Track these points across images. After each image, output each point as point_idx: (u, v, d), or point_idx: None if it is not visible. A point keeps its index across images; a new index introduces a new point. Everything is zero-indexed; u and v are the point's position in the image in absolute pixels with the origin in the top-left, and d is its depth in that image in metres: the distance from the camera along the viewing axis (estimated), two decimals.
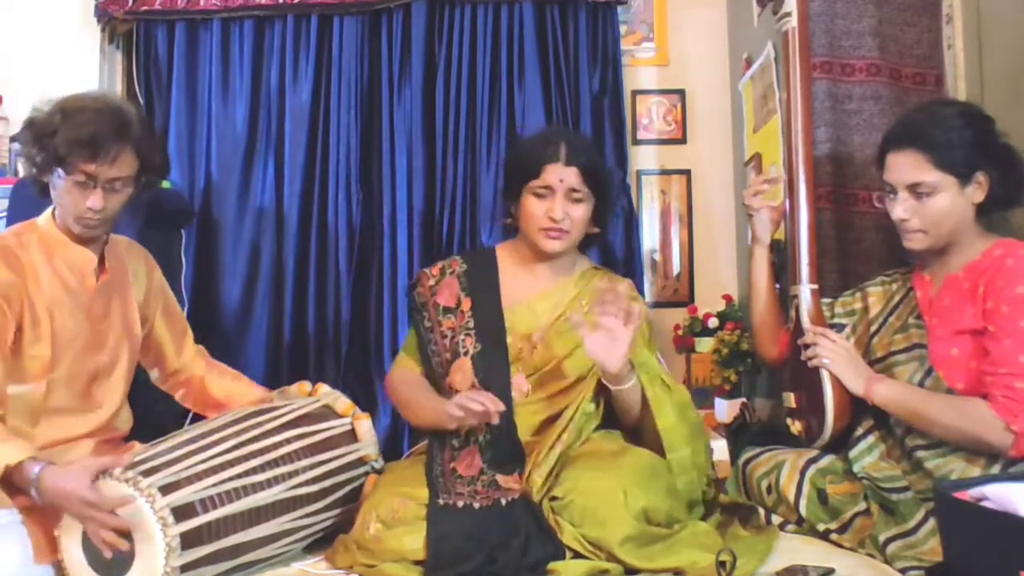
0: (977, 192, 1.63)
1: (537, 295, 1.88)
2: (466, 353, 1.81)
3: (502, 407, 1.65)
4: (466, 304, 1.86)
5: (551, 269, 1.91)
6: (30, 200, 2.07)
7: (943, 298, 1.68)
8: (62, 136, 1.60)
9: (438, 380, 1.85)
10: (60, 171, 1.63)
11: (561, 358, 1.81)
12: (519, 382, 1.80)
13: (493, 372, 1.78)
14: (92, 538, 1.43)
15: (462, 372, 1.80)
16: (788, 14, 1.89)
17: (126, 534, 1.42)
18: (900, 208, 1.67)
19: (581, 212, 1.84)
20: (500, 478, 1.66)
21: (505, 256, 1.95)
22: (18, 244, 1.68)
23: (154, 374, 1.99)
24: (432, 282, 1.91)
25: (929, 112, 1.69)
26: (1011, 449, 1.50)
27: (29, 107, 2.18)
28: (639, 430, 1.78)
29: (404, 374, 1.92)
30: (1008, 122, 1.67)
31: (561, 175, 1.81)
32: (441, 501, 1.59)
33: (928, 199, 1.63)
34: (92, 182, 1.63)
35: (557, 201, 1.81)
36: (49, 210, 1.75)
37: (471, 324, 1.83)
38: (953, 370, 1.61)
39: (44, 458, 1.48)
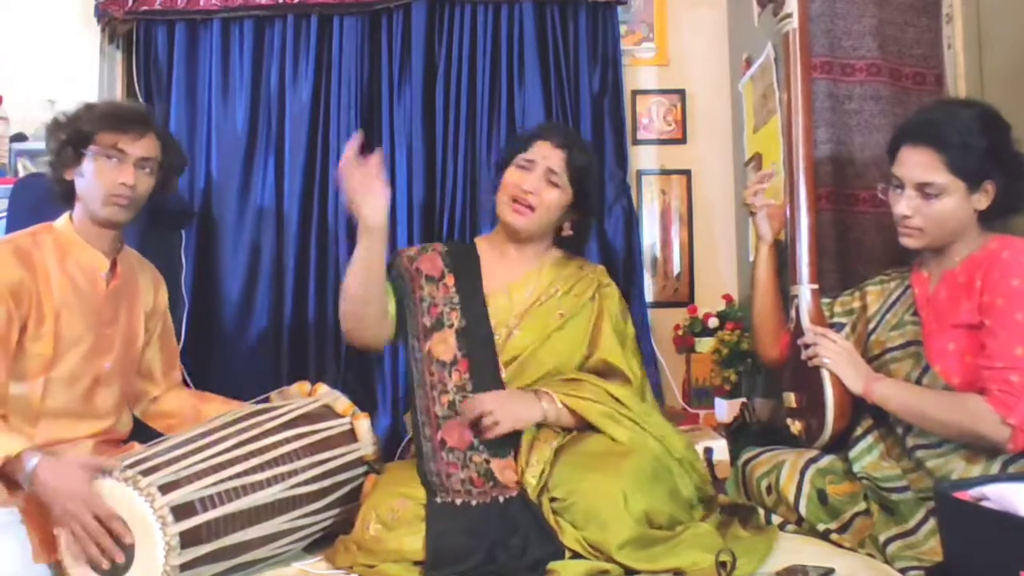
0: (982, 199, 1.62)
1: (512, 282, 1.91)
2: (451, 326, 1.81)
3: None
4: (450, 279, 1.88)
5: (523, 257, 1.94)
6: (30, 200, 2.08)
7: (940, 293, 1.68)
8: (88, 115, 1.71)
9: (410, 339, 1.83)
10: (89, 154, 1.69)
11: (538, 343, 1.82)
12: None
13: (477, 350, 1.79)
14: (79, 543, 1.41)
15: (445, 343, 1.80)
16: (789, 15, 1.88)
17: (122, 545, 1.41)
18: (905, 204, 1.66)
19: (554, 197, 1.87)
20: (495, 464, 1.66)
21: (484, 247, 1.99)
22: (32, 243, 1.70)
23: (133, 400, 1.93)
24: (412, 254, 1.94)
25: (950, 112, 1.67)
26: (1008, 443, 1.50)
27: (29, 107, 2.21)
28: None
29: None
30: (1008, 122, 1.67)
31: (546, 153, 1.87)
32: (439, 499, 1.59)
33: (935, 200, 1.62)
34: (122, 157, 1.71)
35: (534, 173, 1.86)
36: (65, 214, 1.78)
37: (456, 299, 1.85)
38: (949, 365, 1.61)
39: (44, 451, 1.49)
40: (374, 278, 1.74)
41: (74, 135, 1.70)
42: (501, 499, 1.60)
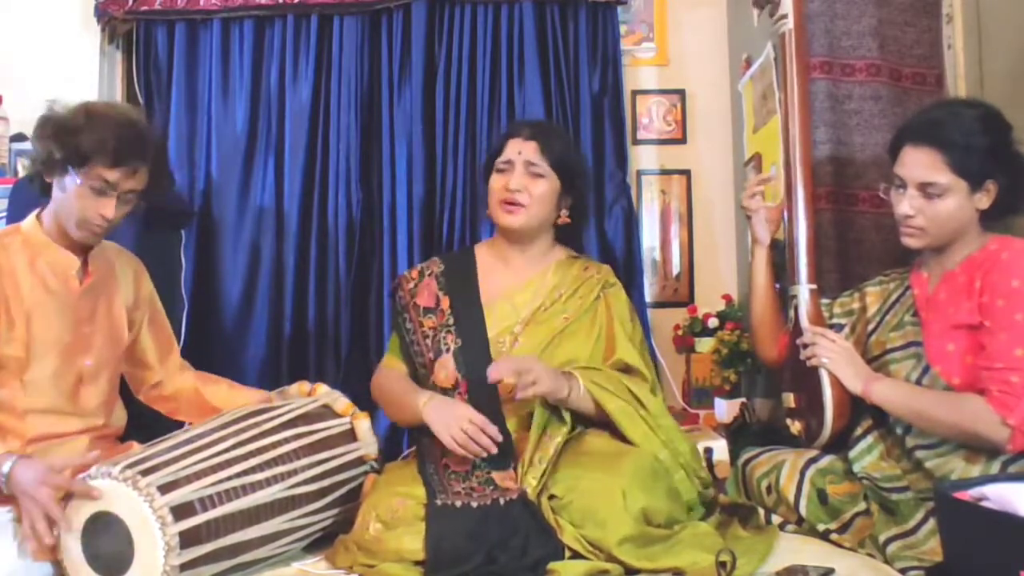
0: (984, 199, 1.62)
1: (516, 288, 1.90)
2: (448, 350, 1.81)
3: (499, 438, 1.65)
4: (445, 303, 1.88)
5: (526, 259, 1.93)
6: (30, 200, 2.07)
7: (940, 294, 1.68)
8: (87, 137, 1.59)
9: (422, 381, 1.86)
10: (75, 175, 1.61)
11: (543, 348, 1.81)
12: None
13: (475, 367, 1.78)
14: (25, 523, 1.44)
15: (445, 369, 1.80)
16: (784, 16, 1.88)
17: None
18: (907, 204, 1.66)
19: (541, 188, 1.86)
20: (496, 476, 1.66)
21: (483, 253, 1.98)
22: None
23: (135, 387, 1.95)
24: (412, 285, 1.94)
25: (953, 112, 1.66)
26: (1008, 443, 1.50)
27: (29, 107, 2.16)
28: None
29: (387, 373, 1.93)
30: (1009, 122, 1.67)
31: (520, 148, 1.88)
32: (439, 502, 1.59)
33: (938, 200, 1.62)
34: (109, 190, 1.63)
35: (515, 172, 1.86)
36: (33, 214, 1.74)
37: (451, 321, 1.85)
38: (949, 366, 1.61)
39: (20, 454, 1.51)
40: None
41: (69, 155, 1.60)
42: (502, 501, 1.59)
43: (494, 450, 1.64)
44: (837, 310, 1.88)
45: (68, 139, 1.60)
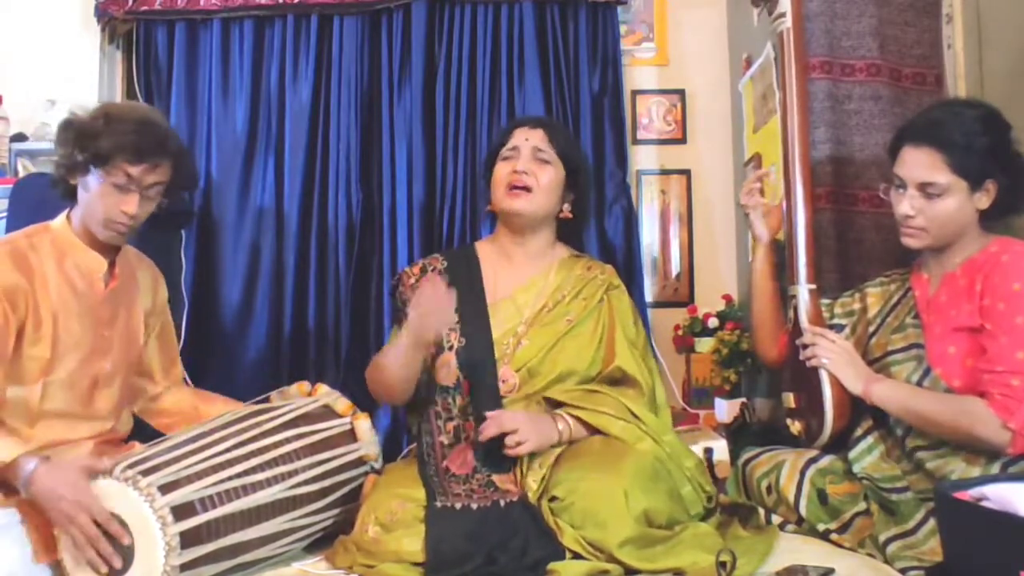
0: (984, 199, 1.63)
1: (519, 287, 1.88)
2: (451, 348, 1.80)
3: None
4: None
5: (528, 255, 1.91)
6: (30, 200, 2.08)
7: (940, 296, 1.68)
8: (107, 138, 1.63)
9: (423, 377, 1.84)
10: (98, 173, 1.64)
11: (547, 350, 1.81)
12: (506, 375, 1.79)
13: (478, 366, 1.77)
14: (76, 547, 1.41)
15: (447, 367, 1.79)
16: (783, 15, 1.88)
17: (120, 547, 1.41)
18: (907, 204, 1.66)
19: (548, 175, 1.86)
20: (497, 478, 1.66)
21: (485, 250, 1.96)
22: (28, 245, 1.68)
23: (132, 397, 1.92)
24: (413, 280, 1.92)
25: (953, 112, 1.66)
26: (1009, 447, 1.51)
27: (29, 107, 2.16)
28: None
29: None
30: (1009, 122, 1.67)
31: (527, 135, 1.88)
32: (439, 503, 1.59)
33: (937, 200, 1.63)
34: (132, 186, 1.65)
35: (523, 156, 1.86)
36: (63, 214, 1.75)
37: (455, 319, 1.82)
38: (950, 368, 1.61)
39: (40, 455, 1.49)
40: (413, 369, 1.77)
41: (90, 156, 1.63)
42: (502, 503, 1.59)
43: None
44: (838, 310, 1.88)
45: (89, 142, 1.63)
